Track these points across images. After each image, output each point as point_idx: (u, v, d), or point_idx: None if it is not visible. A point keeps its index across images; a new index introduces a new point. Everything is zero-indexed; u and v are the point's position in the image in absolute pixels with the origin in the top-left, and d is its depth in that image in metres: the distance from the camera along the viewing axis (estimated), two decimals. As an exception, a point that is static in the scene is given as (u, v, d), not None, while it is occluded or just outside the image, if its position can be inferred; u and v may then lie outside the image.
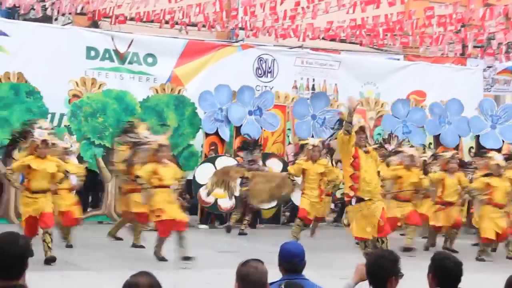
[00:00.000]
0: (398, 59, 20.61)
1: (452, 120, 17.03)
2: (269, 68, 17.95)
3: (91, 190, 15.39)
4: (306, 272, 5.14)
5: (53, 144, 9.89)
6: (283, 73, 17.95)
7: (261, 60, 17.89)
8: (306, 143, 13.04)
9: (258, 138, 15.60)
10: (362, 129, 9.37)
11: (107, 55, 16.57)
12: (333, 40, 18.61)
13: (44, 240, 9.50)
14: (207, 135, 15.77)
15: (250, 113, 16.04)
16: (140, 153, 10.54)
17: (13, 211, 13.95)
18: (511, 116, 16.72)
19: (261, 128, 15.94)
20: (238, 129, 15.92)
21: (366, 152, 9.32)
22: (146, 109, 15.67)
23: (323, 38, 18.19)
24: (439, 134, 17.01)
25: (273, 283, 4.81)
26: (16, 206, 13.34)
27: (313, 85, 18.28)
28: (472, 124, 16.82)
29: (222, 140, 15.86)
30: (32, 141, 9.43)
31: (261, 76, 17.86)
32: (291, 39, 18.11)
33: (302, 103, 16.57)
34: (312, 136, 15.07)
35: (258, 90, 17.25)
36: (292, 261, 5.39)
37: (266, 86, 17.73)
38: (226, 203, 14.87)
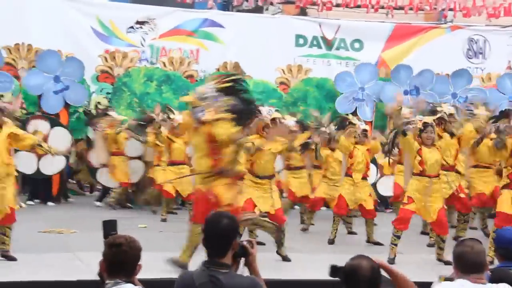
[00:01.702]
0: None
1: None
2: (481, 49, 17.40)
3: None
4: None
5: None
6: (496, 54, 17.33)
7: (471, 41, 17.40)
8: None
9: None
10: (425, 125, 8.85)
11: (315, 42, 17.00)
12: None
13: None
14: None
15: (406, 92, 15.16)
16: None
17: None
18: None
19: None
20: None
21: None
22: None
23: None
24: None
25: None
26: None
27: (530, 65, 17.43)
28: None
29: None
30: (259, 119, 8.94)
31: (472, 58, 17.35)
32: (503, 18, 17.34)
33: (442, 81, 15.57)
34: None
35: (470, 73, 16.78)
36: (509, 248, 5.27)
37: (477, 68, 17.20)
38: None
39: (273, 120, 9.14)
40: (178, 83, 15.07)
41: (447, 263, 8.34)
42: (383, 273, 4.01)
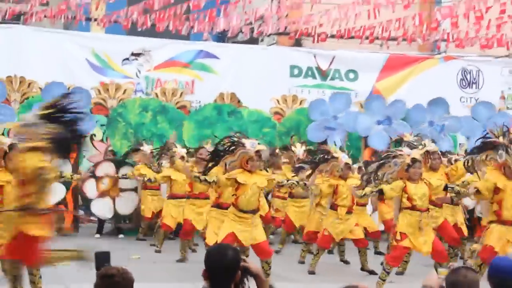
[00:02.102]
0: None
1: None
2: (474, 79, 17.53)
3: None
4: None
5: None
6: (489, 84, 17.46)
7: (465, 71, 17.53)
8: None
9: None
10: (414, 161, 8.89)
11: (309, 73, 17.13)
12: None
13: None
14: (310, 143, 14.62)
15: (378, 122, 15.33)
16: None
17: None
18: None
19: (390, 138, 15.10)
20: (365, 139, 15.33)
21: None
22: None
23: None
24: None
25: None
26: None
27: (523, 94, 17.55)
28: None
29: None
30: (243, 152, 8.87)
31: (466, 88, 17.46)
32: (496, 49, 17.47)
33: (418, 109, 15.47)
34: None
35: (463, 102, 16.91)
36: (502, 276, 5.25)
37: (471, 98, 17.30)
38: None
39: (257, 152, 8.96)
40: (173, 114, 15.14)
41: None
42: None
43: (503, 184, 8.56)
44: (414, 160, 8.93)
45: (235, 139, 9.05)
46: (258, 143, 9.18)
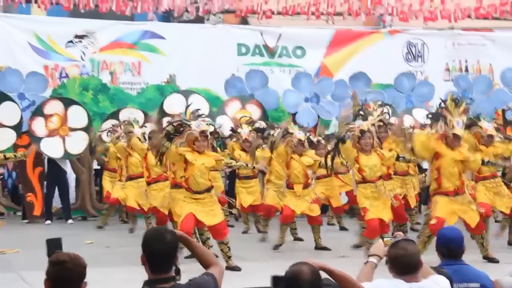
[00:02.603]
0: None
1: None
2: (419, 52, 17.76)
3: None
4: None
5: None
6: (434, 57, 17.70)
7: (410, 44, 17.75)
8: None
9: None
10: (362, 132, 9.12)
11: (257, 51, 17.13)
12: (485, 18, 17.98)
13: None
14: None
15: (306, 100, 15.63)
16: None
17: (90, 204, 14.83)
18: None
19: (318, 116, 15.45)
20: (293, 116, 15.40)
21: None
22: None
23: (474, 18, 17.64)
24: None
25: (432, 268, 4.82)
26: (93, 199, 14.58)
27: (466, 66, 17.85)
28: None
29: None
30: (190, 133, 8.92)
31: (411, 61, 17.70)
32: (440, 21, 17.73)
33: (341, 85, 15.83)
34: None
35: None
36: (449, 246, 5.39)
37: (416, 71, 17.53)
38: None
39: (202, 132, 8.98)
40: (114, 92, 15.08)
41: None
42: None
43: (443, 151, 8.83)
44: (362, 132, 9.07)
45: (183, 120, 9.09)
46: (207, 124, 9.21)
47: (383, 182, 9.36)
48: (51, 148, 14.16)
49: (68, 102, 14.33)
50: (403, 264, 4.37)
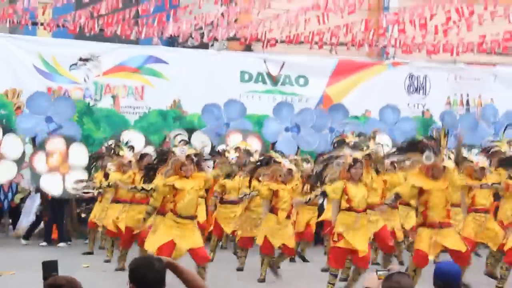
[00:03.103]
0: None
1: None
2: (421, 84, 17.83)
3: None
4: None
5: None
6: (436, 90, 17.82)
7: (412, 77, 17.86)
8: None
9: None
10: (355, 161, 9.09)
11: (260, 78, 17.23)
12: (488, 53, 18.06)
13: None
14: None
15: (287, 129, 15.70)
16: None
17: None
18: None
19: (297, 146, 15.35)
20: (273, 145, 15.41)
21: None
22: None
23: (477, 52, 17.72)
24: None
25: None
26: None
27: (467, 100, 17.94)
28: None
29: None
30: (175, 160, 9.01)
31: (413, 93, 17.77)
32: (443, 55, 17.81)
33: (321, 116, 15.95)
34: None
35: (411, 107, 17.25)
36: (447, 281, 5.38)
37: (418, 103, 17.61)
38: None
39: (188, 156, 9.09)
40: (98, 115, 15.07)
41: None
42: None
43: (428, 186, 8.79)
44: (355, 160, 9.06)
45: (164, 149, 9.24)
46: (191, 148, 9.33)
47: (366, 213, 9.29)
48: (51, 185, 14.04)
49: (70, 140, 14.30)
50: None
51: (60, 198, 14.06)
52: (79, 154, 14.14)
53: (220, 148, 12.83)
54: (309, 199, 9.49)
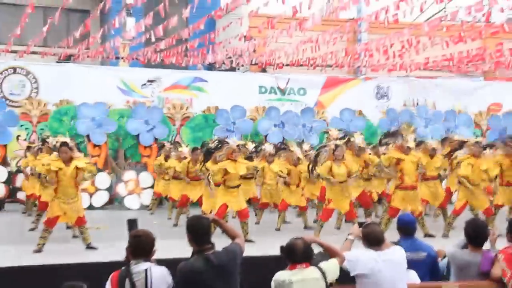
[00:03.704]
0: (480, 80, 19.50)
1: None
2: (385, 92, 17.68)
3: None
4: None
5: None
6: (396, 96, 17.59)
7: (379, 87, 17.68)
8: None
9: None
10: (336, 146, 8.99)
11: (272, 91, 17.12)
12: (431, 70, 17.97)
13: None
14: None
15: (275, 125, 15.53)
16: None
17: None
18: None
19: (283, 137, 15.03)
20: (265, 137, 15.15)
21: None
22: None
23: (423, 69, 17.63)
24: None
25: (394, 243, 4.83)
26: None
27: (417, 102, 17.75)
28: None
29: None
30: (228, 147, 8.86)
31: (380, 99, 17.65)
32: (399, 71, 17.74)
33: (295, 116, 15.67)
34: (303, 141, 13.47)
35: (378, 109, 17.15)
36: (406, 227, 5.37)
37: (383, 106, 17.47)
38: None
39: (238, 145, 9.14)
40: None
41: None
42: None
43: (402, 157, 9.05)
44: (336, 146, 9.11)
45: (221, 139, 9.27)
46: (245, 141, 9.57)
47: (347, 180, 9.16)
48: (131, 202, 13.71)
49: (139, 170, 14.06)
50: (372, 238, 4.39)
51: None
52: (147, 179, 13.79)
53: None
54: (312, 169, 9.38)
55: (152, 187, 13.57)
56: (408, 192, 8.99)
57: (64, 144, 7.93)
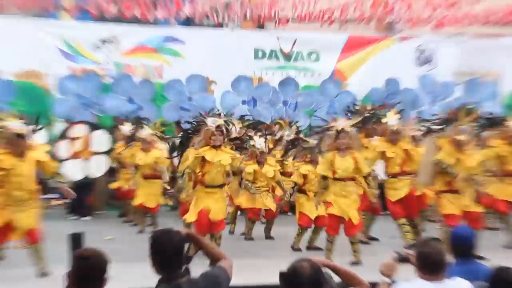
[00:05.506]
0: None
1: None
2: (429, 57, 17.64)
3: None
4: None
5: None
6: (442, 61, 17.57)
7: (420, 50, 17.64)
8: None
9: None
10: (339, 132, 9.04)
11: (273, 55, 17.12)
12: (494, 25, 17.82)
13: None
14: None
15: (243, 103, 15.40)
16: None
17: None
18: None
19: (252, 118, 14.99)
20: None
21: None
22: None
23: (484, 25, 17.50)
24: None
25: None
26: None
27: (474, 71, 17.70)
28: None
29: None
30: (207, 130, 9.01)
31: (422, 66, 17.60)
32: (448, 28, 17.62)
33: (274, 91, 15.58)
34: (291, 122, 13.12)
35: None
36: (465, 244, 5.26)
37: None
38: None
39: (218, 127, 9.03)
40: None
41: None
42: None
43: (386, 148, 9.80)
44: (340, 131, 8.98)
45: (198, 120, 9.14)
46: (226, 120, 9.20)
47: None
48: (72, 170, 13.69)
49: (92, 126, 14.15)
50: (431, 264, 4.23)
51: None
52: (101, 140, 14.00)
53: None
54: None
55: (107, 153, 13.82)
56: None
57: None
